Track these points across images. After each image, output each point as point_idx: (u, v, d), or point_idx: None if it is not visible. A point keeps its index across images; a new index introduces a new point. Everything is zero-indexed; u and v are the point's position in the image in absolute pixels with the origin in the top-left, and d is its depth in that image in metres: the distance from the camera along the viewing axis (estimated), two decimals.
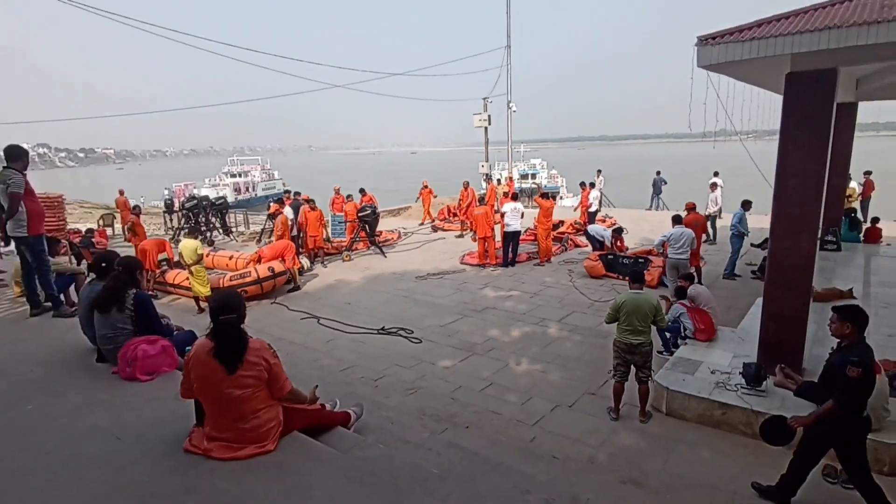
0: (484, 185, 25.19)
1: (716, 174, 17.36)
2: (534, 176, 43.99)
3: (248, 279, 9.59)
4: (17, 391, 3.48)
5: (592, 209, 14.51)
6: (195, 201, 15.24)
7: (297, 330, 8.28)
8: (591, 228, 12.31)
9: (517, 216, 11.57)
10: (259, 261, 10.33)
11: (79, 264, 10.21)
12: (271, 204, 13.59)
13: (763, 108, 8.38)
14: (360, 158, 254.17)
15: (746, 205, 10.35)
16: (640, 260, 10.49)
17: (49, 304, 5.17)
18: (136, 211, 12.58)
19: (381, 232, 14.56)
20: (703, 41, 4.90)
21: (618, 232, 11.88)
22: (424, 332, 7.88)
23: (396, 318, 8.63)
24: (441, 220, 17.97)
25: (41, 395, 3.43)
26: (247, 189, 50.23)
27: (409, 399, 5.71)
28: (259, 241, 15.10)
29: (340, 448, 2.81)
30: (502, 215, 11.73)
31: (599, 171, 20.21)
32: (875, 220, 11.71)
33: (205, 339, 2.59)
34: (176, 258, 10.53)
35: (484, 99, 23.62)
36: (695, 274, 7.67)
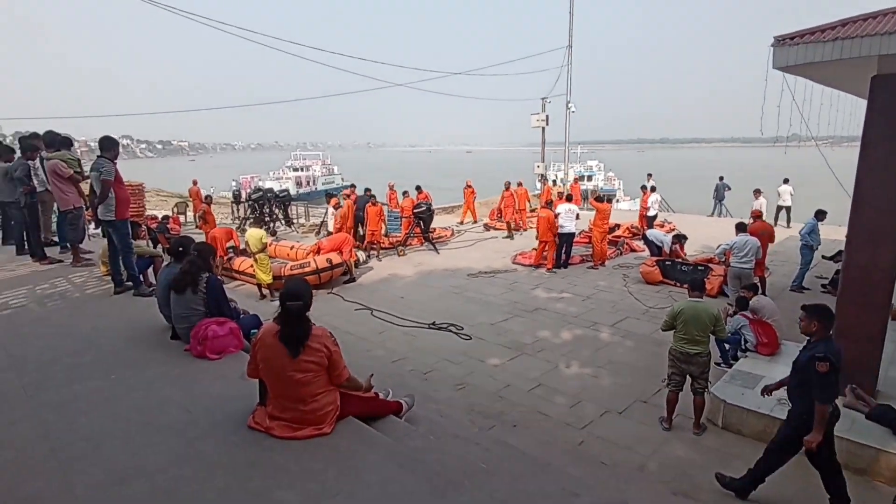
0: (538, 185, 24.95)
1: (785, 181, 16.44)
2: (590, 178, 43.07)
3: (307, 269, 9.95)
4: (102, 362, 3.80)
5: (651, 213, 14.07)
6: (261, 193, 15.94)
7: (351, 320, 8.53)
8: (650, 233, 11.95)
9: (572, 217, 11.41)
10: (318, 252, 10.71)
11: (154, 248, 10.93)
12: (332, 198, 14.01)
13: (842, 112, 7.87)
14: (417, 155, 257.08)
15: (820, 215, 9.76)
16: (700, 268, 10.11)
17: (130, 283, 5.59)
18: (208, 200, 13.31)
19: (434, 229, 14.72)
20: (781, 41, 4.67)
21: (678, 238, 11.48)
22: (474, 330, 7.94)
23: (447, 313, 8.73)
24: (493, 220, 17.94)
25: (122, 366, 3.74)
26: (308, 183, 52.13)
27: (457, 394, 5.78)
28: (318, 232, 15.62)
29: (392, 436, 2.91)
30: (556, 216, 11.61)
31: (650, 175, 19.64)
32: None
33: (272, 322, 2.75)
34: (242, 246, 11.08)
35: (542, 99, 23.38)
36: (759, 284, 7.31)
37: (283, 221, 16.79)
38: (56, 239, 7.75)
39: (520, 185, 17.07)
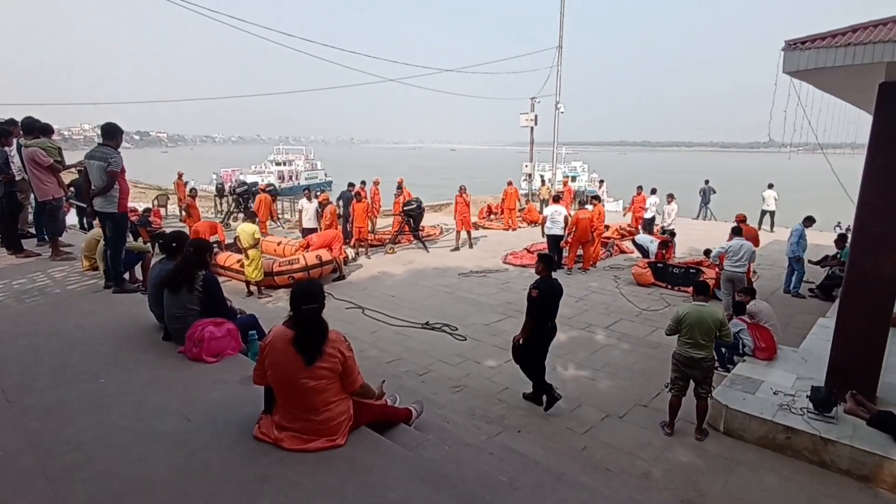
0: (523, 185, 24.95)
1: (770, 186, 16.71)
2: (574, 178, 43.25)
3: (296, 266, 9.72)
4: (89, 363, 3.57)
5: (648, 215, 14.06)
6: (246, 187, 15.59)
7: (342, 319, 8.32)
8: (639, 238, 11.97)
9: (559, 220, 11.32)
10: (307, 248, 10.47)
11: (136, 242, 10.56)
12: (319, 193, 13.75)
13: (838, 119, 7.92)
14: (400, 152, 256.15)
15: (808, 221, 9.90)
16: (692, 270, 10.14)
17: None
18: (192, 194, 12.92)
19: (423, 227, 14.55)
20: (792, 45, 4.62)
21: (664, 245, 11.46)
22: (468, 330, 7.82)
23: (440, 313, 8.59)
24: (481, 219, 17.84)
25: (112, 369, 3.51)
26: (290, 178, 51.45)
27: (456, 397, 5.65)
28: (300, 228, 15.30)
29: (406, 446, 2.76)
30: (544, 219, 11.58)
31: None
32: None
33: (283, 327, 2.57)
34: (228, 241, 10.78)
35: (531, 99, 23.45)
36: (755, 289, 7.31)
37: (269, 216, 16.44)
38: (32, 231, 7.40)
39: (510, 184, 16.98)
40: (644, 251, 11.50)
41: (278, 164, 53.55)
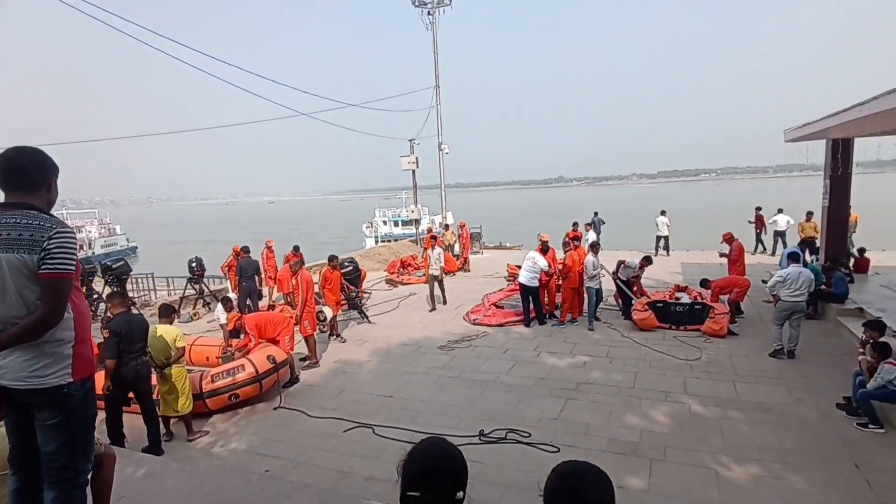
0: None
1: (663, 213, 17.50)
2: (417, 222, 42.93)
3: (240, 377, 6.42)
4: None
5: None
6: (92, 265, 11.08)
7: (354, 451, 5.44)
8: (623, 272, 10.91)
9: (535, 268, 9.75)
10: (246, 347, 7.16)
11: None
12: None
13: None
14: (210, 209, 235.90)
15: None
16: (697, 306, 9.34)
17: None
18: None
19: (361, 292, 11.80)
20: None
21: (648, 261, 10.52)
22: (542, 431, 5.69)
23: (474, 411, 6.32)
24: (393, 274, 15.53)
25: None
26: (82, 247, 41.66)
27: None
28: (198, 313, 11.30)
29: None
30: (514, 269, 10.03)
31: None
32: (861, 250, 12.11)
33: None
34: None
35: (410, 140, 22.20)
36: (882, 321, 6.16)
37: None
38: None
39: (462, 226, 15.35)
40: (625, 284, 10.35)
41: None
